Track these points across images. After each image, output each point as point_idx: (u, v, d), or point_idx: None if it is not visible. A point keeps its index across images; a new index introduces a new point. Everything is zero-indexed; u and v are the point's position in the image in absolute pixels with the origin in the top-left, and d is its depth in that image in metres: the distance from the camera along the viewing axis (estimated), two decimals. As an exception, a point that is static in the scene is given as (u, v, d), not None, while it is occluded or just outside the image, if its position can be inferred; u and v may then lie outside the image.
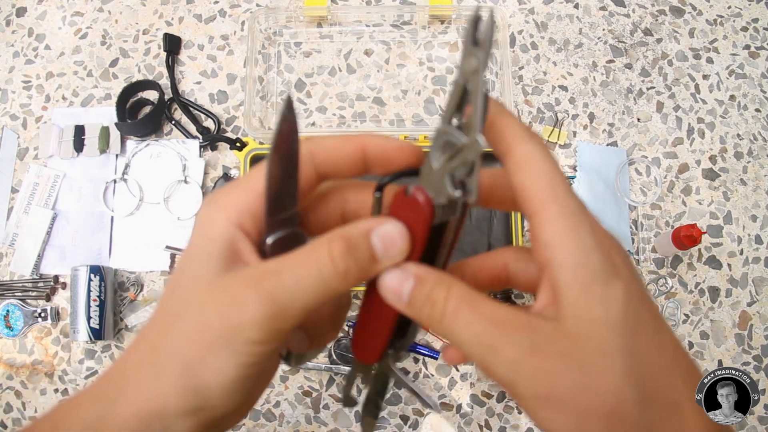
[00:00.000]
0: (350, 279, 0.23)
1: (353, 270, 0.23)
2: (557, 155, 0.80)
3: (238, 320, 0.22)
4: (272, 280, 0.23)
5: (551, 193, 0.23)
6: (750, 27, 0.85)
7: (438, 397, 0.73)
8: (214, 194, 0.25)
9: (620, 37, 0.84)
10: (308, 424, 0.73)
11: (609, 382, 0.21)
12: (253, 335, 0.22)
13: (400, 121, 0.81)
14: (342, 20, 0.83)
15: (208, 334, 0.23)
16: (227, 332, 0.23)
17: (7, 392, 0.74)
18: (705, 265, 0.77)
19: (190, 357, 0.23)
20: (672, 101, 0.82)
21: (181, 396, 0.23)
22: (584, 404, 0.21)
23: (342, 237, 0.23)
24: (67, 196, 0.78)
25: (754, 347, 0.75)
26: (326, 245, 0.23)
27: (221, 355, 0.23)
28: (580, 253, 0.22)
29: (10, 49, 0.84)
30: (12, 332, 0.74)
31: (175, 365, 0.23)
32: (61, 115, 0.81)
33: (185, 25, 0.84)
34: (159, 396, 0.23)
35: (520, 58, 0.83)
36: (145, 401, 0.23)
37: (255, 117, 0.75)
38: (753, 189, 0.79)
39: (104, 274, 0.72)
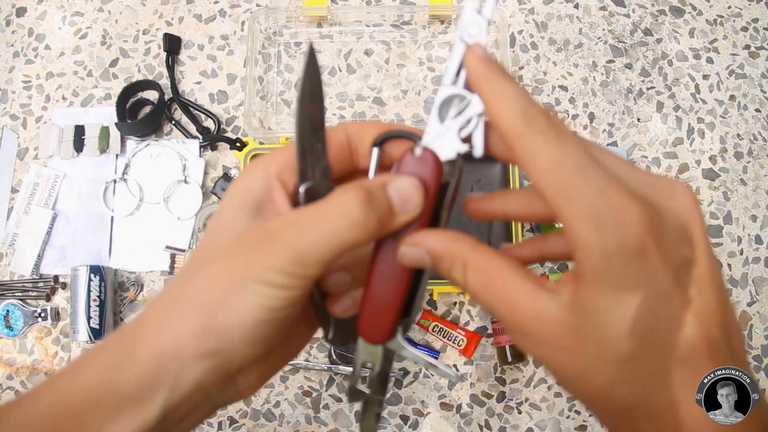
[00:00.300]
0: (369, 229, 0.24)
1: (372, 220, 0.24)
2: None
3: (262, 264, 0.23)
4: (294, 228, 0.24)
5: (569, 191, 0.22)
6: (750, 27, 0.85)
7: (438, 397, 0.73)
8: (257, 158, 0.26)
9: (620, 37, 0.84)
10: (308, 424, 0.73)
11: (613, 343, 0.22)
12: (275, 278, 0.23)
13: (400, 121, 0.81)
14: (342, 20, 0.83)
15: (231, 276, 0.24)
16: (251, 275, 0.24)
17: (7, 392, 0.74)
18: (705, 265, 0.77)
19: (212, 298, 0.24)
20: (672, 101, 0.82)
21: (200, 337, 0.24)
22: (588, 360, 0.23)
23: (361, 187, 0.24)
24: (67, 196, 0.78)
25: (754, 347, 0.75)
26: (346, 194, 0.24)
27: (244, 296, 0.23)
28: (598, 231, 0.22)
29: (10, 49, 0.84)
30: (12, 332, 0.74)
31: (196, 306, 0.24)
32: (61, 115, 0.81)
33: (185, 25, 0.84)
34: (177, 337, 0.24)
35: (520, 58, 0.83)
36: (164, 343, 0.24)
37: (255, 117, 0.75)
38: (753, 189, 0.79)
39: (104, 274, 0.72)
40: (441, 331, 0.73)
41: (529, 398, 0.73)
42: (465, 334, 0.73)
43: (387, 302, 0.27)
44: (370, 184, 0.24)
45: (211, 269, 0.25)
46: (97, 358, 0.25)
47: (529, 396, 0.73)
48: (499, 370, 0.74)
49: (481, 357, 0.74)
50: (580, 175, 0.22)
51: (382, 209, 0.24)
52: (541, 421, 0.73)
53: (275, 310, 0.24)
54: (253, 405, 0.73)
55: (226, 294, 0.24)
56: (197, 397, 0.25)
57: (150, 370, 0.24)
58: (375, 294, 0.27)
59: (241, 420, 0.73)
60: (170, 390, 0.24)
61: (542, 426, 0.73)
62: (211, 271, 0.25)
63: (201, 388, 0.25)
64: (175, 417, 0.25)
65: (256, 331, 0.24)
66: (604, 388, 0.23)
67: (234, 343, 0.24)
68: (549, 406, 0.73)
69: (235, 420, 0.73)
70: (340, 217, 0.23)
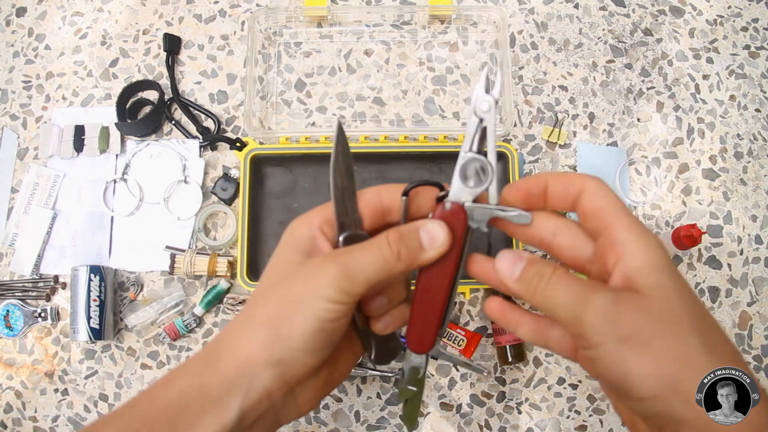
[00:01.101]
0: (403, 260, 0.31)
1: (404, 253, 0.31)
2: (557, 155, 0.80)
3: (318, 282, 0.29)
4: (345, 255, 0.30)
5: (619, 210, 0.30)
6: (750, 27, 0.85)
7: (438, 397, 0.73)
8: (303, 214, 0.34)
9: (620, 37, 0.84)
10: (308, 424, 0.73)
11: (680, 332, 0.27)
12: (328, 293, 0.29)
13: (400, 121, 0.81)
14: (342, 20, 0.83)
15: (292, 295, 0.30)
16: (309, 292, 0.29)
17: (7, 392, 0.74)
18: (705, 265, 0.77)
19: (278, 314, 0.30)
20: (672, 101, 0.82)
21: (269, 347, 0.29)
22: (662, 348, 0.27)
23: (397, 230, 0.32)
24: (67, 196, 0.78)
25: (754, 347, 0.75)
26: (386, 235, 0.31)
27: (303, 309, 0.29)
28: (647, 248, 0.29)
29: (10, 49, 0.84)
30: (12, 332, 0.74)
31: (265, 322, 0.30)
32: (61, 115, 0.81)
33: (185, 25, 0.84)
34: (251, 348, 0.30)
35: (520, 58, 0.83)
36: (240, 354, 0.30)
37: (255, 117, 0.75)
38: (753, 189, 0.79)
39: (104, 274, 0.72)
40: (441, 331, 0.73)
41: (529, 398, 0.73)
42: (465, 334, 0.73)
43: (429, 321, 0.34)
44: (404, 228, 0.32)
45: (275, 292, 0.31)
46: (187, 369, 0.31)
47: (529, 396, 0.73)
48: (499, 370, 0.74)
49: (481, 357, 0.74)
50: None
51: (413, 246, 0.31)
52: (541, 421, 0.73)
53: (327, 321, 0.29)
54: (253, 405, 0.73)
55: (289, 309, 0.30)
56: (265, 404, 0.30)
57: (229, 377, 0.29)
58: (419, 315, 0.34)
59: (241, 420, 0.73)
60: (245, 394, 0.29)
61: (542, 426, 0.73)
62: (276, 293, 0.31)
63: (269, 395, 0.30)
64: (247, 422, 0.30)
65: (311, 339, 0.29)
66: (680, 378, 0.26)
67: (295, 351, 0.29)
68: (549, 406, 0.73)
69: (235, 420, 0.73)
70: (382, 249, 0.31)
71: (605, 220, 0.30)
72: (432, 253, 0.32)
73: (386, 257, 0.30)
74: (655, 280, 0.28)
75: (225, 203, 0.77)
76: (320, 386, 0.33)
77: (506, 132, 0.74)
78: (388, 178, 0.76)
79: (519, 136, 0.80)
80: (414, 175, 0.76)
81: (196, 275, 0.75)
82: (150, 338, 0.75)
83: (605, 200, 0.30)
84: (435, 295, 0.33)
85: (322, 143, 0.75)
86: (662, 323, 0.27)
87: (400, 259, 0.31)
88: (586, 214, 0.31)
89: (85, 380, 0.74)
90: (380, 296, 0.34)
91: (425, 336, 0.35)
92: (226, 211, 0.77)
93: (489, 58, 0.82)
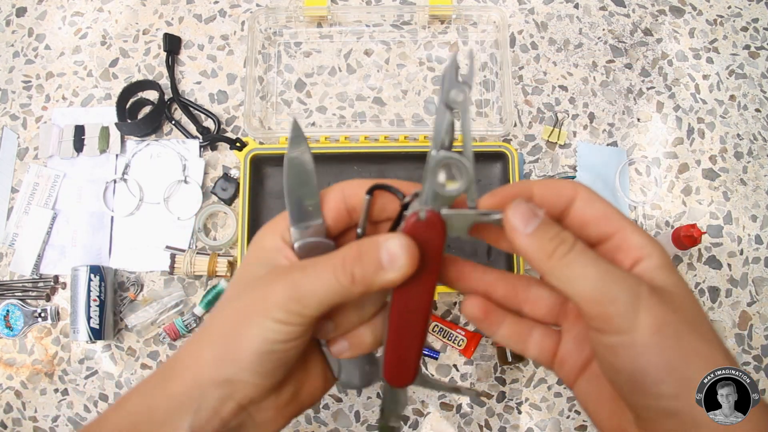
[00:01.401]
0: (358, 284, 0.27)
1: (360, 276, 0.27)
2: (557, 155, 0.80)
3: (267, 300, 0.27)
4: (297, 273, 0.28)
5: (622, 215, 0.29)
6: (750, 27, 0.85)
7: (438, 397, 0.73)
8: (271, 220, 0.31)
9: (620, 37, 0.84)
10: (308, 424, 0.73)
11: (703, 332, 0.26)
12: (277, 314, 0.27)
13: (400, 121, 0.81)
14: (342, 20, 0.83)
15: (243, 312, 0.28)
16: (257, 310, 0.27)
17: (7, 392, 0.74)
18: (705, 265, 0.77)
19: (226, 331, 0.28)
20: (672, 101, 0.82)
21: (216, 366, 0.28)
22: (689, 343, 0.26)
23: (356, 245, 0.28)
24: (67, 196, 0.78)
25: (754, 347, 0.75)
26: (342, 253, 0.27)
27: (250, 328, 0.27)
28: (662, 251, 0.28)
29: (10, 49, 0.84)
30: (12, 332, 0.74)
31: (214, 339, 0.28)
32: (61, 115, 0.81)
33: (185, 25, 0.84)
34: (199, 366, 0.28)
35: (520, 58, 0.83)
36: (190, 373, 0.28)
37: (255, 117, 0.75)
38: (753, 189, 0.79)
39: (104, 274, 0.72)
40: (441, 331, 0.73)
41: (529, 398, 0.73)
42: (465, 334, 0.73)
43: (410, 349, 0.30)
44: (364, 244, 0.27)
45: (228, 307, 0.29)
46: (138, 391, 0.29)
47: (529, 396, 0.73)
48: (499, 370, 0.74)
49: (481, 357, 0.74)
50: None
51: (369, 267, 0.27)
52: (541, 421, 0.73)
53: (276, 343, 0.27)
54: (253, 405, 0.73)
55: (238, 326, 0.28)
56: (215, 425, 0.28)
57: (178, 397, 0.28)
58: (397, 343, 0.30)
59: (241, 420, 0.73)
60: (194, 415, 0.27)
61: (542, 426, 0.73)
62: (229, 308, 0.29)
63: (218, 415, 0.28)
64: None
65: (260, 361, 0.27)
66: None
67: (243, 372, 0.27)
68: (549, 406, 0.73)
69: (235, 420, 0.73)
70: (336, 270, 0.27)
71: (612, 226, 0.29)
72: (393, 275, 0.27)
73: (340, 280, 0.27)
74: (676, 281, 0.27)
75: (225, 203, 0.77)
76: (283, 406, 0.30)
77: (506, 132, 0.74)
78: (388, 177, 0.76)
79: (519, 136, 0.80)
80: (414, 175, 0.76)
81: (196, 275, 0.75)
82: (150, 338, 0.75)
83: (605, 207, 0.29)
84: (414, 319, 0.29)
85: (322, 143, 0.75)
86: (687, 322, 0.26)
87: (355, 282, 0.27)
88: (587, 221, 0.29)
89: (85, 380, 0.74)
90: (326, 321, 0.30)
91: (406, 366, 0.30)
92: (226, 211, 0.77)
93: (489, 58, 0.82)
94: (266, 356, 0.27)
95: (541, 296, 0.32)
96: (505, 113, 0.73)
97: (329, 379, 0.33)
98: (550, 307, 0.32)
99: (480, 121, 0.81)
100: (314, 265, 0.28)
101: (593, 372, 0.31)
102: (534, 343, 0.32)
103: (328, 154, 0.73)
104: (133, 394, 0.30)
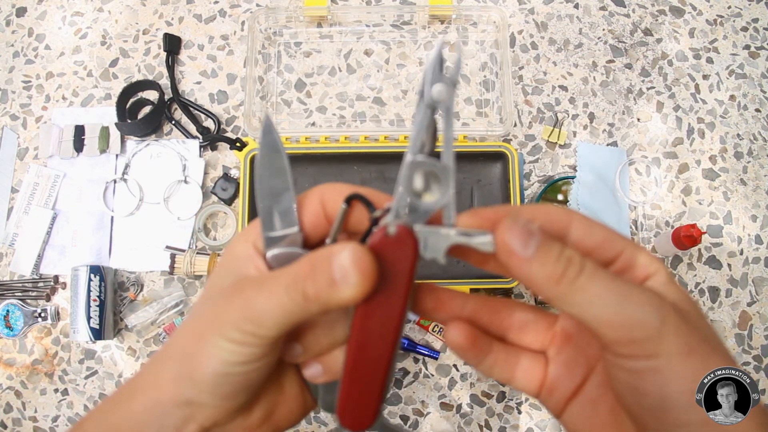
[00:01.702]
0: (311, 300, 0.24)
1: (313, 293, 0.24)
2: (557, 155, 0.80)
3: (222, 318, 0.25)
4: (251, 289, 0.25)
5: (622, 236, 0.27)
6: (750, 27, 0.85)
7: (438, 397, 0.73)
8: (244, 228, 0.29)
9: (620, 37, 0.84)
10: (308, 424, 0.73)
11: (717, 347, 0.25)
12: (231, 334, 0.24)
13: (400, 121, 0.81)
14: (342, 20, 0.83)
15: (199, 329, 0.26)
16: (213, 329, 0.25)
17: (7, 392, 0.74)
18: (705, 265, 0.77)
19: (186, 348, 0.26)
20: (672, 101, 0.82)
21: (176, 384, 0.26)
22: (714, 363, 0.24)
23: (309, 258, 0.24)
24: (67, 196, 0.78)
25: (754, 347, 0.75)
26: (295, 266, 0.25)
27: (208, 347, 0.25)
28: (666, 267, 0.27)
29: (10, 49, 0.84)
30: (12, 332, 0.74)
31: (173, 356, 0.26)
32: (61, 115, 0.81)
33: (185, 25, 0.84)
34: (159, 386, 0.26)
35: (520, 58, 0.83)
36: (150, 392, 0.26)
37: (255, 117, 0.75)
38: (753, 189, 0.79)
39: (104, 274, 0.72)
40: (441, 331, 0.73)
41: (529, 398, 0.73)
42: (465, 334, 0.73)
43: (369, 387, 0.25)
44: (317, 257, 0.24)
45: (189, 322, 0.27)
46: (101, 409, 0.28)
47: (528, 396, 0.73)
48: (499, 370, 0.74)
49: (481, 357, 0.74)
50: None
51: (321, 282, 0.24)
52: (541, 421, 0.73)
53: (234, 365, 0.25)
54: (253, 405, 0.73)
55: (196, 344, 0.25)
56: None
57: (139, 415, 0.26)
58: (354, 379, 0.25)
59: (241, 420, 0.73)
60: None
61: (542, 426, 0.73)
62: (190, 323, 0.27)
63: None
64: None
65: (218, 383, 0.25)
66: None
67: (203, 393, 0.25)
68: (549, 406, 0.73)
69: (235, 420, 0.73)
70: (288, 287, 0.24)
71: (616, 248, 0.27)
72: (347, 293, 0.23)
73: (293, 298, 0.24)
74: (684, 296, 0.26)
75: (225, 203, 0.77)
76: (253, 429, 0.28)
77: (506, 132, 0.74)
78: (388, 177, 0.76)
79: (519, 136, 0.80)
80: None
81: (196, 275, 0.75)
82: (150, 338, 0.75)
83: (604, 231, 0.27)
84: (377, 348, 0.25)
85: (322, 143, 0.75)
86: (706, 341, 0.25)
87: (308, 300, 0.24)
88: (589, 249, 0.26)
89: (85, 380, 0.74)
90: (294, 342, 0.28)
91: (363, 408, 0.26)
92: (226, 211, 0.77)
93: (489, 58, 0.82)
94: (224, 378, 0.25)
95: (527, 321, 0.30)
96: (505, 113, 0.73)
97: (308, 401, 0.30)
98: (537, 332, 0.30)
99: (480, 121, 0.81)
100: (268, 280, 0.25)
101: (587, 397, 0.29)
102: (522, 371, 0.30)
103: (328, 154, 0.73)
104: (95, 414, 0.28)
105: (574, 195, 0.76)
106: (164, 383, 0.26)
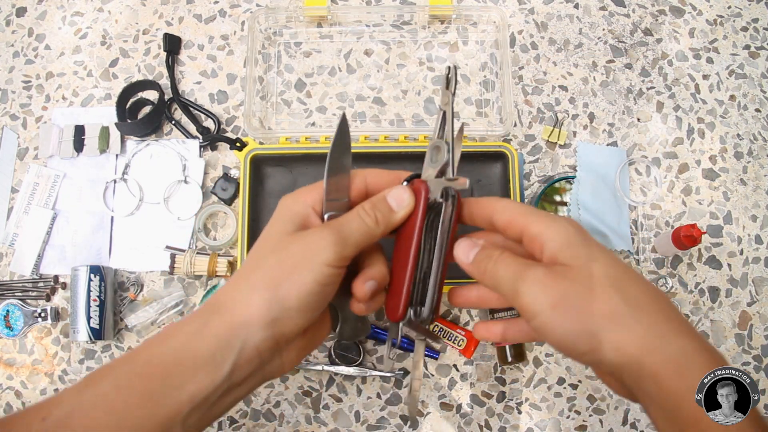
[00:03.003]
0: (380, 224, 0.36)
1: (380, 218, 0.36)
2: (557, 155, 0.80)
3: (317, 246, 0.33)
4: (337, 224, 0.36)
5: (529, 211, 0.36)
6: (750, 27, 0.85)
7: (438, 397, 0.73)
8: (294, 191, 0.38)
9: (620, 37, 0.84)
10: (308, 424, 0.73)
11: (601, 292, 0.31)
12: (327, 256, 0.33)
13: (400, 121, 0.81)
14: (342, 20, 0.83)
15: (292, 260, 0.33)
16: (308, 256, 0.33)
17: (7, 392, 0.74)
18: (705, 265, 0.77)
19: (276, 278, 0.33)
20: (672, 101, 0.82)
21: (266, 308, 0.32)
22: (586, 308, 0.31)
23: (369, 201, 0.37)
24: (67, 196, 0.78)
25: (754, 347, 0.75)
26: (361, 206, 0.37)
27: (302, 273, 0.33)
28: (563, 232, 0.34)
29: (10, 49, 0.84)
30: (12, 332, 0.74)
31: (263, 286, 0.33)
32: (61, 115, 0.81)
33: (185, 25, 0.84)
34: (248, 308, 0.32)
35: (520, 58, 0.83)
36: (235, 315, 0.32)
37: (255, 117, 0.75)
38: (753, 189, 0.79)
39: (104, 274, 0.72)
40: (441, 331, 0.73)
41: (529, 398, 0.73)
42: (465, 334, 0.73)
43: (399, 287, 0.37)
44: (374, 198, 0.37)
45: (273, 257, 0.34)
46: (181, 328, 0.33)
47: (529, 396, 0.73)
48: (499, 370, 0.74)
49: (481, 357, 0.74)
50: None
51: (384, 210, 0.37)
52: (541, 421, 0.73)
53: (323, 285, 0.33)
54: (253, 405, 0.73)
55: (288, 273, 0.33)
56: (255, 362, 0.33)
57: (223, 337, 0.32)
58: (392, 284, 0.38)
59: (241, 420, 0.73)
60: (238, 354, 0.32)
61: (542, 426, 0.73)
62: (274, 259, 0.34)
63: (259, 353, 0.33)
64: (237, 379, 0.32)
65: (307, 300, 0.33)
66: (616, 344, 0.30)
67: (290, 311, 0.33)
68: (549, 406, 0.73)
69: (235, 420, 0.73)
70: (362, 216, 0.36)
71: (519, 226, 0.35)
72: (402, 213, 0.37)
73: (367, 223, 0.36)
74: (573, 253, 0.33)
75: (225, 203, 0.77)
76: (302, 347, 0.37)
77: (506, 132, 0.74)
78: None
79: (519, 136, 0.80)
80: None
81: (196, 275, 0.75)
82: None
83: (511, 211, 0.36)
84: (403, 262, 0.37)
85: (322, 143, 0.75)
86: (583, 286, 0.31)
87: (378, 223, 0.36)
88: (504, 229, 0.36)
89: (85, 380, 0.74)
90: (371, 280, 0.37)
91: (395, 303, 0.37)
92: (226, 211, 0.77)
93: (489, 58, 0.82)
94: (313, 297, 0.33)
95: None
96: (505, 113, 0.73)
97: (329, 328, 0.40)
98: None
99: (480, 121, 0.81)
100: (345, 216, 0.36)
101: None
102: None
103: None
104: (174, 331, 0.33)
105: (574, 195, 0.76)
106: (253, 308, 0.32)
